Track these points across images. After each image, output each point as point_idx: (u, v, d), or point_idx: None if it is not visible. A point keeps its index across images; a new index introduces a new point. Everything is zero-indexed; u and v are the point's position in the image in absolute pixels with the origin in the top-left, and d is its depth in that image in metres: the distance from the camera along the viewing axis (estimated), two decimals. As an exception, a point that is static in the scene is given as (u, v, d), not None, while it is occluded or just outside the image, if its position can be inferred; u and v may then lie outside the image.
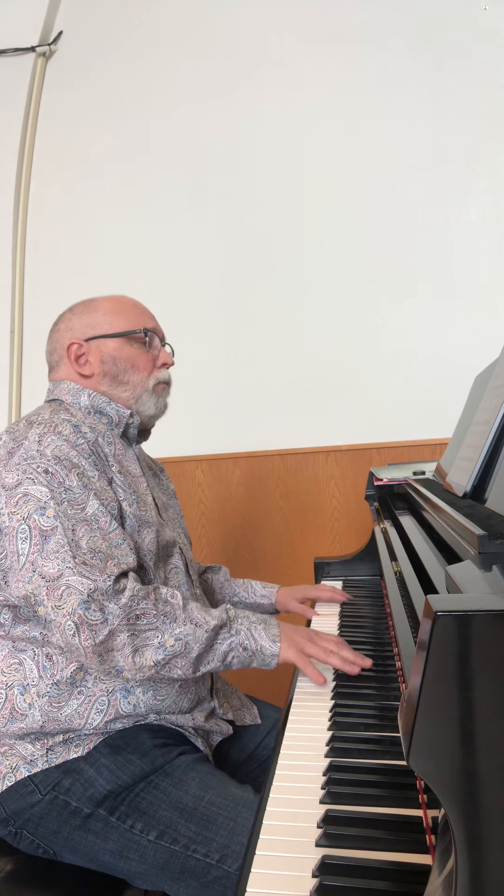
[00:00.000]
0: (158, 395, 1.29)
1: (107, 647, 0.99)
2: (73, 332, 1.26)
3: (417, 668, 0.43)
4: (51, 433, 1.09)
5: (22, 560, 1.02)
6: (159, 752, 1.06)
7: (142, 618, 1.00)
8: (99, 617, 0.98)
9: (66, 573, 0.99)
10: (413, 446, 2.19)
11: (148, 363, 1.28)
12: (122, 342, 1.25)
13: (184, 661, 1.02)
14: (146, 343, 1.27)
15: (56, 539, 1.01)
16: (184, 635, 1.01)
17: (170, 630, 1.01)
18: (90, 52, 2.63)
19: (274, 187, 2.37)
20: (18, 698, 1.07)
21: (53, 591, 0.99)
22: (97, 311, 1.26)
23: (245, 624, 1.08)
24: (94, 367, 1.24)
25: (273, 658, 1.07)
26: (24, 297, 2.62)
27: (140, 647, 1.00)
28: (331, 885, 0.60)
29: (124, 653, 0.99)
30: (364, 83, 2.28)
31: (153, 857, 0.97)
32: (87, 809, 1.01)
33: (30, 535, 1.02)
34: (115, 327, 1.26)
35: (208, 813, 0.97)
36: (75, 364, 1.24)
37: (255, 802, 0.97)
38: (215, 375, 2.41)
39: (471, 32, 2.18)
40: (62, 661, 1.07)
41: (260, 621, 1.09)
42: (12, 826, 1.05)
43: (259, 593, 1.50)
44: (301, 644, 1.08)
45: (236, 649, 1.05)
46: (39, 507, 1.03)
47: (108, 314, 1.26)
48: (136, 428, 1.27)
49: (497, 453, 0.95)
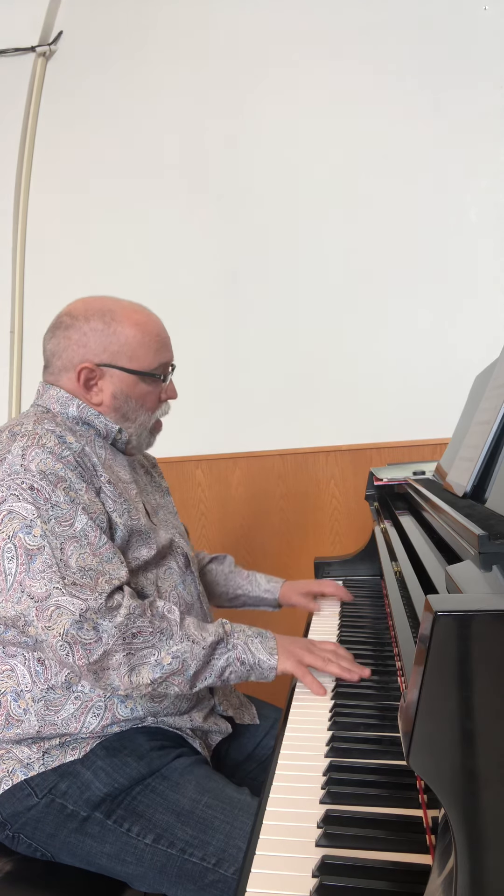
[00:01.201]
0: (153, 433, 1.27)
1: (102, 667, 0.98)
2: (86, 350, 1.17)
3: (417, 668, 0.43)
4: (34, 446, 1.05)
5: (9, 580, 1.00)
6: (156, 755, 1.05)
7: (138, 636, 0.99)
8: (93, 636, 0.97)
9: (54, 593, 0.97)
10: (413, 446, 2.19)
11: (156, 401, 1.24)
12: (137, 379, 1.19)
13: (180, 678, 1.01)
14: (160, 381, 1.23)
15: (43, 559, 0.99)
16: (181, 653, 1.00)
17: (166, 648, 1.00)
18: (90, 52, 2.63)
19: (274, 187, 2.37)
20: (13, 704, 1.06)
21: (43, 611, 0.98)
22: (118, 336, 1.17)
23: (242, 638, 1.07)
24: (105, 398, 1.18)
25: (271, 671, 1.06)
26: (24, 297, 2.62)
27: (136, 666, 0.99)
28: (331, 885, 0.60)
29: (120, 672, 0.98)
30: (364, 83, 2.28)
31: (150, 860, 0.96)
32: (84, 812, 1.01)
33: (16, 555, 1.00)
34: (135, 362, 1.18)
35: (205, 816, 0.97)
36: (82, 388, 1.17)
37: (253, 805, 0.97)
38: (215, 375, 2.41)
39: (471, 32, 2.18)
40: (55, 666, 1.06)
41: (256, 634, 1.08)
42: (9, 829, 1.05)
43: (263, 587, 1.50)
44: (299, 654, 1.07)
45: (234, 664, 1.05)
46: (25, 526, 1.00)
47: (130, 343, 1.17)
48: (124, 444, 1.23)
49: (497, 453, 0.95)
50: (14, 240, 2.63)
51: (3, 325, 2.62)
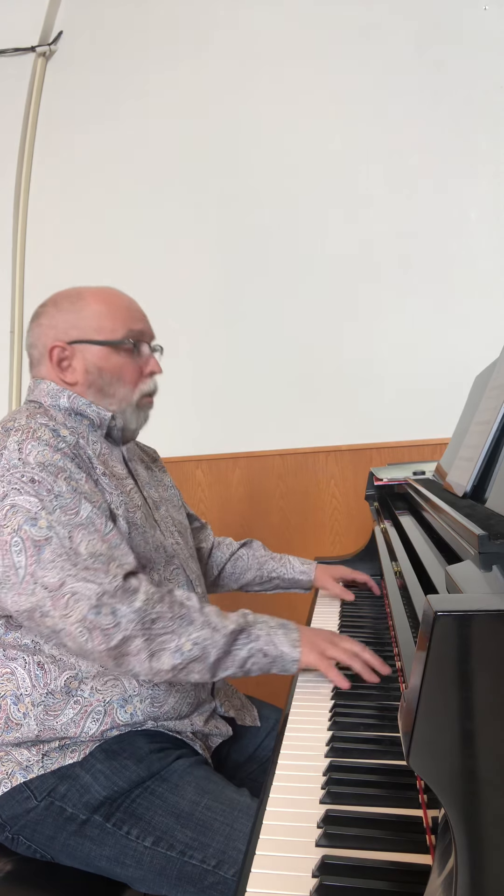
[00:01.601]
0: (142, 409, 1.23)
1: (121, 652, 0.96)
2: (55, 330, 1.17)
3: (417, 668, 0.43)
4: (30, 439, 1.04)
5: (21, 573, 0.98)
6: (156, 757, 1.05)
7: (157, 622, 0.98)
8: (111, 621, 0.95)
9: (68, 581, 0.96)
10: (413, 446, 2.19)
11: (134, 374, 1.21)
12: (108, 350, 1.17)
13: (201, 665, 0.99)
14: (134, 352, 1.21)
15: (52, 548, 0.97)
16: (201, 639, 0.99)
17: (187, 634, 0.98)
18: (90, 52, 2.63)
19: (273, 187, 2.37)
20: (12, 708, 1.05)
21: (58, 600, 0.96)
22: (83, 311, 1.18)
23: (264, 629, 1.04)
24: (78, 376, 1.17)
25: (294, 663, 1.03)
26: (24, 297, 2.62)
27: (157, 652, 0.97)
28: (331, 885, 0.60)
29: (140, 658, 0.97)
30: (364, 83, 2.28)
31: (150, 863, 0.96)
32: (83, 815, 1.00)
33: (24, 548, 0.98)
34: (103, 333, 1.17)
35: (204, 818, 0.96)
36: (57, 368, 1.17)
37: (253, 807, 0.96)
38: (215, 375, 2.41)
39: (471, 32, 2.18)
40: (55, 670, 1.06)
41: (279, 626, 1.06)
42: (9, 832, 1.05)
43: (298, 569, 1.51)
44: (322, 647, 1.05)
45: (256, 655, 1.02)
46: (30, 518, 0.99)
47: (95, 316, 1.18)
48: (120, 430, 1.21)
49: (497, 453, 0.95)
50: (14, 240, 2.63)
51: (3, 325, 2.62)
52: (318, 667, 1.04)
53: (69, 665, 1.06)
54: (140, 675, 0.99)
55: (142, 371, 1.23)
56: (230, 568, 1.52)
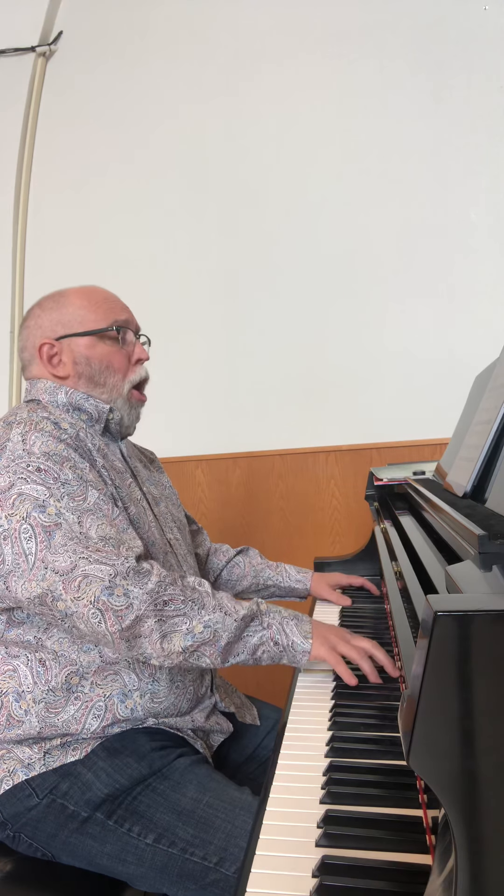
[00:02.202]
0: (132, 405, 1.25)
1: (134, 634, 0.97)
2: (42, 329, 1.21)
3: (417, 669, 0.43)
4: (33, 430, 1.06)
5: (31, 560, 0.98)
6: (157, 755, 1.05)
7: (169, 603, 0.98)
8: (124, 602, 0.96)
9: (80, 564, 0.97)
10: (413, 446, 2.19)
11: (122, 362, 1.23)
12: (93, 340, 1.21)
13: (212, 649, 1.00)
14: (119, 340, 1.23)
15: (62, 533, 0.98)
16: (213, 622, 0.99)
17: (198, 617, 0.99)
18: (90, 52, 2.63)
19: (273, 187, 2.37)
20: (14, 705, 1.05)
21: (70, 582, 0.96)
22: (66, 308, 1.22)
23: (277, 618, 1.05)
24: (69, 369, 1.20)
25: (304, 655, 1.04)
26: (24, 297, 2.62)
27: (168, 633, 0.98)
28: (331, 885, 0.60)
29: (152, 639, 0.97)
30: (364, 83, 2.28)
31: (151, 860, 0.96)
32: (85, 813, 1.01)
33: (34, 534, 0.99)
34: (86, 324, 1.21)
35: (206, 816, 0.97)
36: (48, 365, 1.20)
37: (254, 805, 0.96)
38: (215, 375, 2.41)
39: (471, 32, 2.18)
40: (56, 667, 1.06)
41: (292, 616, 1.06)
42: (10, 830, 1.05)
43: (294, 577, 1.51)
44: (333, 643, 1.05)
45: (267, 643, 1.03)
46: (38, 506, 1.00)
47: (78, 310, 1.21)
48: (118, 424, 1.23)
49: (497, 453, 0.95)
50: (14, 240, 2.63)
51: (3, 325, 2.62)
52: (328, 661, 1.04)
53: (70, 661, 1.07)
54: (151, 659, 0.99)
55: (129, 359, 1.25)
56: (226, 575, 1.52)
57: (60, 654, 1.07)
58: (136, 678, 1.09)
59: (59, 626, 1.05)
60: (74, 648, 1.07)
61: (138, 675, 1.09)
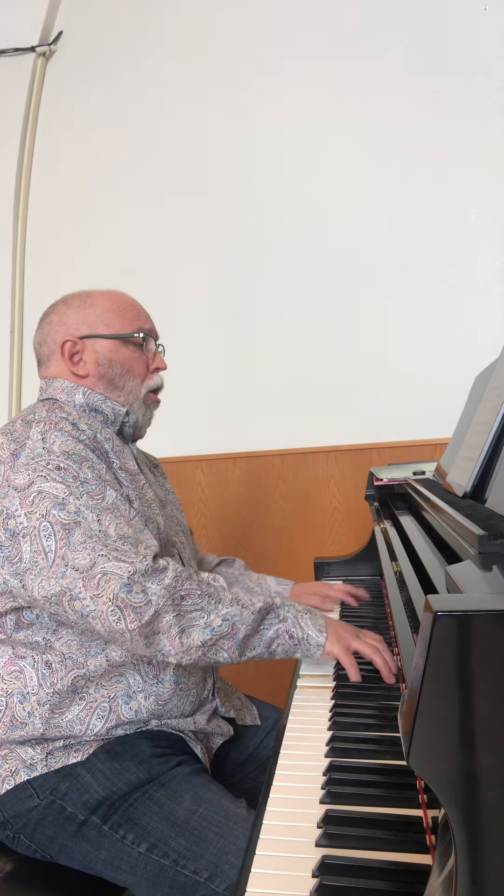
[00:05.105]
0: (148, 406, 1.27)
1: (153, 630, 0.97)
2: (67, 327, 1.22)
3: (417, 669, 0.43)
4: (53, 430, 1.07)
5: (51, 557, 0.99)
6: (156, 762, 1.05)
7: (187, 598, 0.99)
8: (142, 599, 0.96)
9: (99, 561, 0.97)
10: (413, 446, 2.19)
11: (142, 368, 1.26)
12: (117, 344, 1.23)
13: (230, 642, 1.00)
14: (142, 346, 1.26)
15: (81, 531, 0.99)
16: (230, 616, 1.00)
17: (216, 611, 1.00)
18: (90, 52, 2.63)
19: (274, 187, 2.37)
20: (18, 707, 1.05)
21: (90, 580, 0.97)
22: (94, 308, 1.23)
23: (292, 612, 1.06)
24: (90, 368, 1.21)
25: (318, 648, 1.05)
26: (24, 297, 2.62)
27: (186, 628, 0.98)
28: (331, 885, 0.60)
29: (170, 634, 0.97)
30: (364, 83, 2.28)
31: (143, 869, 0.96)
32: (82, 816, 1.01)
33: (53, 532, 0.99)
34: (113, 328, 1.23)
35: (200, 828, 0.96)
36: (69, 362, 1.21)
37: (249, 819, 0.96)
38: (215, 375, 2.41)
39: (471, 32, 2.18)
40: (62, 670, 1.06)
41: (306, 611, 1.08)
42: (10, 830, 1.05)
43: (274, 589, 1.50)
44: (346, 639, 1.06)
45: (282, 636, 1.04)
46: (58, 504, 1.00)
47: (106, 312, 1.23)
48: (132, 427, 1.25)
49: (497, 453, 0.95)
50: (14, 239, 2.63)
51: (3, 325, 2.62)
52: (340, 657, 1.05)
53: (77, 664, 1.06)
54: (169, 657, 0.99)
55: (148, 366, 1.27)
56: None
57: (68, 657, 1.07)
58: (140, 679, 1.09)
59: (71, 627, 1.05)
60: (82, 651, 1.07)
61: (143, 676, 1.09)
